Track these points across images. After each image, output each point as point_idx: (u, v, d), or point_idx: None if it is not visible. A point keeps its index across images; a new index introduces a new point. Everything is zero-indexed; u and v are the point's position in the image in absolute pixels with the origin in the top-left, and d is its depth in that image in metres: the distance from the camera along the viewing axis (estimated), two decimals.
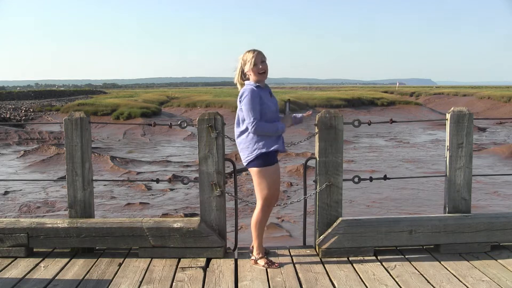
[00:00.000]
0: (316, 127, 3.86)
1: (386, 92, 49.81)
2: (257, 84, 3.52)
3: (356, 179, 3.96)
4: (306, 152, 13.78)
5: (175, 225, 3.80)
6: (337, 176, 3.85)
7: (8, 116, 27.57)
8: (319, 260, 3.75)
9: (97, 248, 3.98)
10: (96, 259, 3.77)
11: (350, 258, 3.76)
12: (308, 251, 3.94)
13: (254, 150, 3.47)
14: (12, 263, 3.72)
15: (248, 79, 3.57)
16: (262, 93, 3.50)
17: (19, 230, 3.82)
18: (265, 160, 3.48)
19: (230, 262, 3.72)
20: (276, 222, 7.34)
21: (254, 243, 3.68)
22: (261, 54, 3.52)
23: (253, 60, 3.47)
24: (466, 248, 3.85)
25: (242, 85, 3.59)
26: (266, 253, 3.79)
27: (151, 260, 3.76)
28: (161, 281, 3.36)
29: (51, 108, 33.28)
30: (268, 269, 3.55)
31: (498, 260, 3.69)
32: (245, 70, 3.55)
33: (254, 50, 3.51)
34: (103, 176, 11.04)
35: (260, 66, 3.49)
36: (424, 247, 3.98)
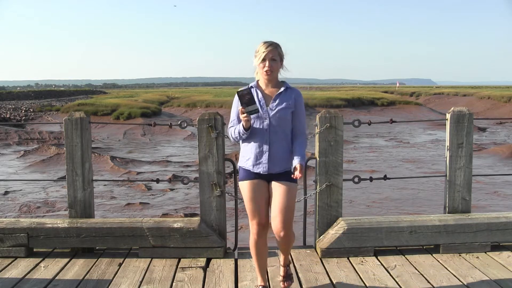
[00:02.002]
0: (316, 127, 3.86)
1: (386, 92, 49.87)
2: (251, 85, 3.05)
3: (356, 179, 3.96)
4: (306, 152, 13.81)
5: (175, 225, 3.80)
6: (337, 176, 3.85)
7: (8, 116, 27.58)
8: (319, 260, 3.75)
9: (97, 248, 3.98)
10: (96, 259, 3.77)
11: (350, 258, 3.76)
12: (308, 251, 3.94)
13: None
14: (12, 263, 3.71)
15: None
16: (256, 94, 3.00)
17: (19, 230, 3.82)
18: (241, 173, 3.07)
19: (230, 262, 3.72)
20: None
21: None
22: (275, 50, 2.93)
23: (263, 54, 2.92)
24: (466, 248, 3.85)
25: None
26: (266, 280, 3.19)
27: (151, 260, 3.76)
28: (161, 281, 3.36)
29: (51, 108, 33.31)
30: (268, 269, 3.52)
31: (498, 260, 3.68)
32: (253, 64, 3.02)
33: (270, 44, 2.93)
34: (103, 176, 11.04)
35: (267, 64, 2.92)
36: (424, 247, 3.98)
